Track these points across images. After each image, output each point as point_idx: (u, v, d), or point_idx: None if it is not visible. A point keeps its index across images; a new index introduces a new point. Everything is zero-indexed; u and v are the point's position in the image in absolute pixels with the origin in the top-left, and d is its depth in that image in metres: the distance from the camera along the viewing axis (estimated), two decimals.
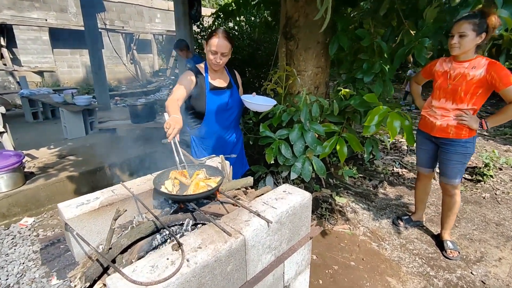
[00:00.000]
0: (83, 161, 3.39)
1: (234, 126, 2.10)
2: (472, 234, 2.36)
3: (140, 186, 1.46)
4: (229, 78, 2.00)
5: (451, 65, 1.93)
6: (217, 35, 1.74)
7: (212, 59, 1.78)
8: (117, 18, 11.36)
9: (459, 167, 2.00)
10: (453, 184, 2.05)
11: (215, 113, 1.92)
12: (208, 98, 1.88)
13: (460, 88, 1.86)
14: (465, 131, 1.92)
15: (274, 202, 1.32)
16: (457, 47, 1.83)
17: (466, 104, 1.88)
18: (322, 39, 2.75)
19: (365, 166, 3.53)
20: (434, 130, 2.04)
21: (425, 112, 2.14)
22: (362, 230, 2.45)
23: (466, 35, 1.78)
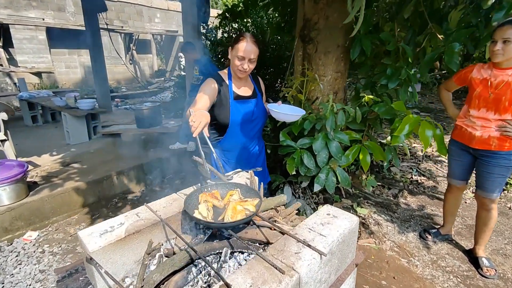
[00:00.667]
0: (88, 169, 3.23)
1: (258, 137, 1.97)
2: (505, 249, 2.25)
3: (167, 209, 1.32)
4: (253, 86, 1.86)
5: (492, 72, 1.81)
6: (245, 39, 1.60)
7: (239, 65, 1.63)
8: (116, 17, 11.16)
9: (500, 181, 1.88)
10: (492, 198, 1.93)
11: (240, 124, 1.78)
12: (232, 108, 1.74)
13: (504, 97, 1.74)
14: (509, 143, 1.81)
15: (321, 228, 1.19)
16: (500, 53, 1.71)
17: (510, 114, 1.77)
18: (342, 43, 2.63)
19: (382, 174, 3.41)
20: (473, 142, 1.92)
21: (461, 121, 2.02)
22: (388, 244, 2.32)
23: (511, 41, 1.65)
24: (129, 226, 1.18)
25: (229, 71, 1.78)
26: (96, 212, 2.87)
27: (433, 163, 3.73)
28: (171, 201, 1.39)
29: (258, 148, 2.01)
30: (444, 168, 3.61)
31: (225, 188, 1.41)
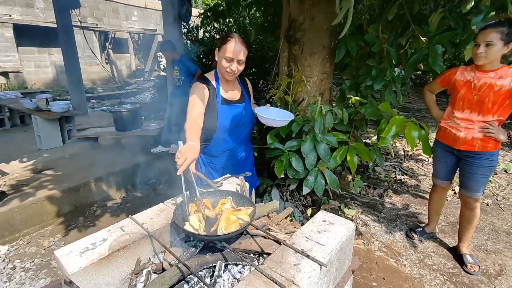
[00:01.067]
0: (63, 176, 3.03)
1: (246, 141, 1.90)
2: (486, 245, 2.33)
3: (154, 220, 1.23)
4: (241, 89, 1.79)
5: (475, 74, 1.85)
6: (233, 39, 1.51)
7: (227, 67, 1.55)
8: (90, 15, 10.68)
9: (482, 180, 1.93)
10: (475, 198, 1.98)
11: (227, 129, 1.71)
12: (220, 113, 1.65)
13: (487, 99, 1.78)
14: (492, 144, 1.85)
15: (318, 236, 1.15)
16: (483, 56, 1.74)
17: (492, 115, 1.81)
18: (327, 44, 2.62)
19: (367, 174, 3.45)
20: (457, 143, 1.96)
21: (445, 123, 2.06)
22: (377, 245, 2.34)
23: (494, 44, 1.70)
24: (113, 242, 1.08)
25: (216, 73, 1.69)
26: (72, 222, 2.70)
27: (415, 162, 3.83)
28: (158, 212, 1.30)
29: (246, 152, 1.94)
30: (425, 167, 3.71)
31: (216, 196, 1.34)
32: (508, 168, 3.55)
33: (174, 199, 1.41)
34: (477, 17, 2.12)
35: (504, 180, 3.39)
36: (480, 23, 2.06)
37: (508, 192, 3.13)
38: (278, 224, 1.47)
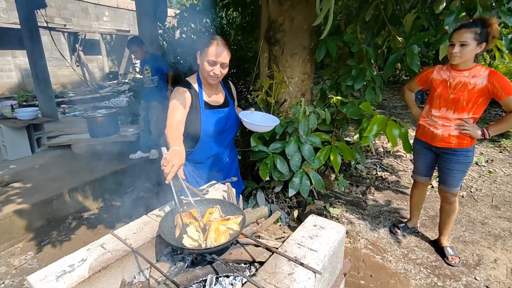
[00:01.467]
0: (33, 188, 2.83)
1: (231, 146, 1.86)
2: (464, 236, 2.42)
3: (138, 235, 1.16)
4: (225, 93, 1.73)
5: (450, 73, 1.92)
6: (215, 42, 1.46)
7: (210, 71, 1.50)
8: (58, 15, 10.13)
9: (460, 176, 2.00)
10: (453, 192, 2.06)
11: (212, 135, 1.65)
12: (203, 119, 1.60)
13: (462, 97, 1.85)
14: (467, 140, 1.92)
15: (310, 242, 1.13)
16: (458, 56, 1.80)
17: (467, 113, 1.88)
18: (307, 44, 2.62)
19: (350, 172, 3.51)
20: (435, 140, 2.02)
21: (423, 121, 2.12)
22: (362, 242, 2.37)
23: (468, 44, 1.76)
24: (94, 262, 1.00)
25: (198, 77, 1.63)
26: (45, 237, 2.52)
27: (394, 158, 3.95)
28: (141, 225, 1.23)
29: (231, 157, 1.90)
30: (404, 163, 3.83)
31: (203, 205, 1.28)
32: (479, 161, 3.74)
33: (159, 210, 1.34)
34: (449, 17, 2.19)
35: (476, 172, 3.56)
36: (452, 24, 2.14)
37: (481, 183, 3.30)
38: (268, 230, 1.44)
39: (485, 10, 2.29)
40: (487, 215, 2.70)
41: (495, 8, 2.35)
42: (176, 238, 1.10)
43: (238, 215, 1.19)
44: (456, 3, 2.28)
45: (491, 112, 5.87)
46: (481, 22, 1.74)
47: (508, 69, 9.94)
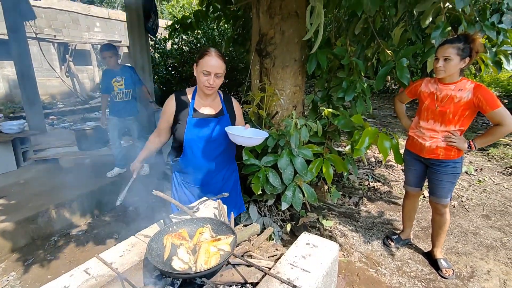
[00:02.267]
0: (17, 204, 2.73)
1: (223, 160, 1.80)
2: (457, 247, 2.42)
3: (125, 258, 1.11)
4: (221, 106, 1.73)
5: (437, 86, 1.95)
6: (210, 53, 1.52)
7: (205, 81, 1.54)
8: (48, 26, 10.06)
9: (449, 187, 2.02)
10: (443, 203, 2.07)
11: (196, 143, 1.65)
12: (188, 126, 1.62)
13: (448, 110, 1.88)
14: (454, 152, 1.95)
15: (303, 262, 1.10)
16: (442, 70, 1.85)
17: (453, 125, 1.91)
18: (298, 57, 2.65)
19: (342, 183, 3.50)
20: (423, 152, 2.05)
21: (412, 132, 2.14)
22: (356, 256, 2.34)
23: (451, 59, 1.80)
24: None
25: (195, 89, 1.68)
26: (29, 256, 2.42)
27: (385, 168, 3.97)
28: (129, 247, 1.18)
29: (226, 172, 1.86)
30: (395, 173, 3.85)
31: (193, 224, 1.24)
32: (469, 170, 3.79)
33: (148, 230, 1.29)
34: (436, 31, 2.25)
35: (466, 181, 3.60)
36: (438, 37, 2.19)
37: (471, 193, 3.33)
38: (260, 248, 1.41)
39: (470, 25, 2.36)
40: (478, 225, 2.71)
41: (479, 23, 2.43)
42: (165, 261, 1.06)
43: (229, 235, 1.15)
44: (441, 18, 2.34)
45: (478, 121, 6.01)
46: (465, 37, 1.79)
47: (493, 79, 10.25)
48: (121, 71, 3.31)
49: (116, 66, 3.32)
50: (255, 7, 2.58)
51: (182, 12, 12.54)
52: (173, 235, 1.14)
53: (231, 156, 1.88)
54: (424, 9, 2.37)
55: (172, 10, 13.37)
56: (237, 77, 5.19)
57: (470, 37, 1.79)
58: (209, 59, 1.51)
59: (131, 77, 3.33)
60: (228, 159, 1.85)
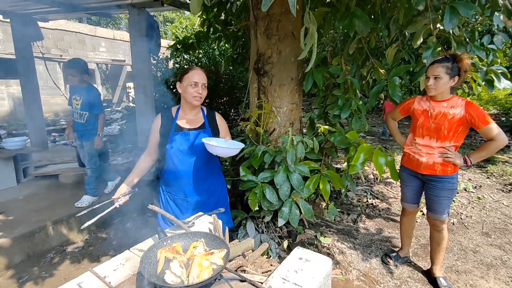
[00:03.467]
0: (15, 221, 2.73)
1: (206, 172, 1.83)
2: (456, 265, 2.39)
3: (119, 272, 1.12)
4: (203, 120, 1.81)
5: (430, 104, 2.01)
6: (194, 68, 1.72)
7: (193, 92, 1.68)
8: (55, 46, 10.39)
9: (446, 202, 2.03)
10: (441, 220, 2.06)
11: (177, 156, 1.72)
12: (170, 140, 1.72)
13: (443, 126, 1.93)
14: (451, 168, 1.97)
15: (295, 276, 1.10)
16: (433, 88, 1.92)
17: (448, 141, 1.95)
18: (295, 75, 2.73)
19: (340, 199, 3.50)
20: (421, 168, 2.07)
21: (408, 149, 2.17)
22: (355, 274, 2.31)
23: (441, 78, 1.87)
24: None
25: (179, 107, 1.80)
26: (24, 273, 2.39)
27: (384, 185, 3.97)
28: (123, 261, 1.19)
29: (211, 185, 1.88)
30: (394, 190, 3.85)
31: (187, 239, 1.25)
32: (467, 187, 3.78)
33: (143, 245, 1.30)
34: (427, 51, 2.33)
35: (465, 199, 3.59)
36: (429, 57, 2.27)
37: (470, 210, 3.31)
38: (254, 263, 1.40)
39: (460, 45, 2.45)
40: (478, 243, 2.68)
41: (469, 43, 2.52)
42: (157, 275, 1.07)
43: (222, 249, 1.16)
44: (432, 39, 2.43)
45: (477, 139, 6.04)
46: (453, 57, 1.87)
47: (491, 97, 10.38)
48: (81, 90, 3.02)
49: (79, 84, 3.01)
50: (253, 29, 2.69)
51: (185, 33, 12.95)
52: (167, 249, 1.15)
53: (215, 168, 1.91)
54: (415, 30, 2.47)
55: (176, 31, 13.82)
56: (236, 95, 5.29)
57: (458, 57, 1.86)
58: (195, 72, 1.68)
59: (89, 100, 3.01)
60: (211, 171, 1.87)
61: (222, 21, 3.84)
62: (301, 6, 2.58)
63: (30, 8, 4.24)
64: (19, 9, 4.39)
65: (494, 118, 8.45)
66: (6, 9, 4.37)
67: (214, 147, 1.65)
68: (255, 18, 2.62)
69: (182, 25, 14.57)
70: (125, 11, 3.89)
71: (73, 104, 3.09)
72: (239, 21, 3.64)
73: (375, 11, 2.98)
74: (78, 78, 2.98)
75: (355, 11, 2.28)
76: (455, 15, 2.03)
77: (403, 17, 2.59)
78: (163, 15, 16.12)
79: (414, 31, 2.51)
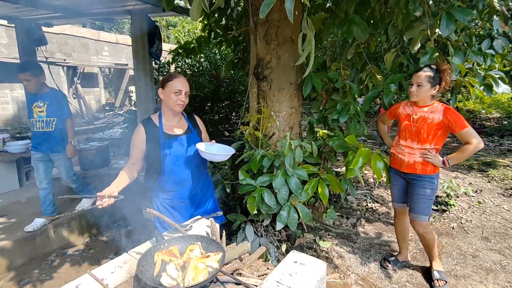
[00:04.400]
0: (17, 223, 2.77)
1: (199, 173, 1.89)
2: (455, 270, 2.39)
3: (116, 274, 1.14)
4: (187, 124, 1.88)
5: (413, 109, 2.14)
6: (177, 76, 1.74)
7: (177, 100, 1.71)
8: (58, 50, 10.50)
9: (426, 203, 2.11)
10: (422, 221, 2.13)
11: (173, 162, 1.76)
12: (163, 147, 1.74)
13: (422, 130, 2.04)
14: (430, 167, 2.09)
15: (289, 279, 1.12)
16: (415, 94, 2.05)
17: (429, 144, 2.06)
18: (294, 80, 2.75)
19: (340, 203, 3.50)
20: (403, 166, 2.18)
21: (394, 150, 2.30)
22: (353, 278, 2.31)
23: (423, 85, 2.00)
24: None
25: (160, 114, 1.81)
26: (25, 276, 2.42)
27: (384, 189, 3.97)
28: (121, 264, 1.21)
29: (203, 184, 1.95)
30: None
31: (184, 242, 1.28)
32: (467, 191, 3.77)
33: (140, 248, 1.32)
34: (424, 56, 2.36)
35: (466, 203, 3.58)
36: (427, 62, 2.30)
37: (470, 214, 3.30)
38: (251, 267, 1.42)
39: (457, 51, 2.47)
40: (478, 248, 2.68)
41: (467, 49, 2.54)
42: (154, 277, 1.09)
43: (218, 252, 1.18)
44: (430, 44, 2.45)
45: None
46: (436, 68, 1.99)
47: (493, 101, 10.36)
48: (44, 95, 2.73)
49: (39, 89, 2.71)
50: (253, 34, 2.72)
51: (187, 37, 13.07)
52: (164, 252, 1.17)
53: (204, 169, 1.99)
54: (412, 36, 2.49)
55: (178, 35, 13.94)
56: (237, 99, 5.33)
57: (440, 67, 1.94)
58: (178, 80, 1.71)
59: (56, 103, 2.75)
60: (202, 172, 1.95)
61: (223, 26, 3.88)
62: (300, 12, 2.61)
63: (34, 13, 4.31)
64: (24, 15, 4.46)
65: (497, 121, 8.43)
66: (11, 15, 4.45)
67: (207, 154, 1.72)
68: (255, 23, 2.66)
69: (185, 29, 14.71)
70: (127, 16, 3.95)
71: (34, 113, 2.73)
72: (239, 26, 3.69)
73: (374, 17, 3.02)
74: (35, 81, 2.65)
75: (353, 18, 2.32)
76: (451, 21, 2.07)
77: (401, 22, 2.63)
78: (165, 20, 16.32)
79: (412, 37, 2.54)
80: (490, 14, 2.45)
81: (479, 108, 10.21)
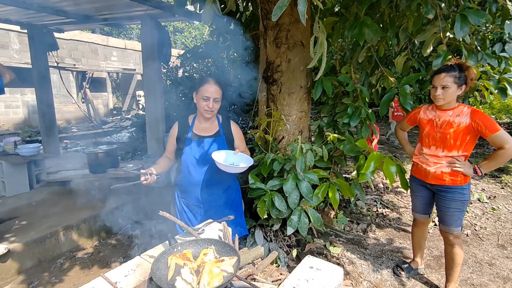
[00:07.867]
0: (28, 226, 2.78)
1: (221, 178, 1.84)
2: (472, 278, 2.32)
3: (130, 278, 1.12)
4: (218, 128, 1.85)
5: (436, 113, 1.98)
6: (209, 81, 1.73)
7: (204, 106, 1.72)
8: (68, 55, 10.69)
9: (458, 214, 1.96)
10: (453, 233, 1.99)
11: (192, 162, 1.77)
12: (186, 147, 1.78)
13: (448, 135, 1.89)
14: (460, 178, 1.92)
15: (306, 285, 1.09)
16: (441, 98, 1.88)
17: (456, 151, 1.90)
18: (304, 83, 2.74)
19: (350, 209, 3.45)
20: (429, 178, 2.02)
21: (416, 159, 2.14)
22: (365, 285, 2.26)
23: (449, 87, 1.84)
24: None
25: (195, 115, 1.86)
26: (35, 278, 2.42)
27: (394, 194, 3.90)
28: (134, 267, 1.19)
29: (226, 191, 1.91)
30: (405, 199, 3.78)
31: (197, 246, 1.26)
32: (481, 197, 3.69)
33: (153, 251, 1.31)
34: (437, 60, 2.32)
35: (479, 209, 3.50)
36: (440, 65, 2.26)
37: (485, 221, 3.22)
38: (264, 271, 1.39)
39: (470, 53, 2.43)
40: (494, 255, 2.60)
41: (480, 52, 2.50)
42: (168, 281, 1.07)
43: (232, 256, 1.16)
44: (443, 47, 2.42)
45: (490, 148, 5.91)
46: (459, 66, 1.85)
47: (503, 106, 10.20)
48: None
49: None
50: (263, 38, 2.72)
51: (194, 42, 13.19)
52: (178, 255, 1.15)
53: (230, 176, 1.87)
54: (424, 39, 2.46)
55: (185, 40, 14.10)
56: (245, 103, 5.32)
57: (464, 66, 1.85)
58: (208, 86, 1.70)
59: None
60: (226, 178, 1.86)
61: (232, 30, 3.90)
62: (310, 15, 2.60)
63: (46, 19, 4.40)
64: (36, 21, 4.55)
65: (507, 127, 8.28)
66: (23, 21, 4.54)
67: (220, 164, 1.65)
68: (265, 27, 2.66)
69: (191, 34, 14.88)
70: (137, 22, 3.99)
71: None
72: (248, 30, 3.69)
73: (384, 20, 3.00)
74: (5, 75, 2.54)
75: (364, 20, 2.29)
76: (465, 23, 2.03)
77: (412, 25, 2.60)
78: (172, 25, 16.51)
79: (423, 40, 2.50)
80: (504, 17, 2.41)
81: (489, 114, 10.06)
